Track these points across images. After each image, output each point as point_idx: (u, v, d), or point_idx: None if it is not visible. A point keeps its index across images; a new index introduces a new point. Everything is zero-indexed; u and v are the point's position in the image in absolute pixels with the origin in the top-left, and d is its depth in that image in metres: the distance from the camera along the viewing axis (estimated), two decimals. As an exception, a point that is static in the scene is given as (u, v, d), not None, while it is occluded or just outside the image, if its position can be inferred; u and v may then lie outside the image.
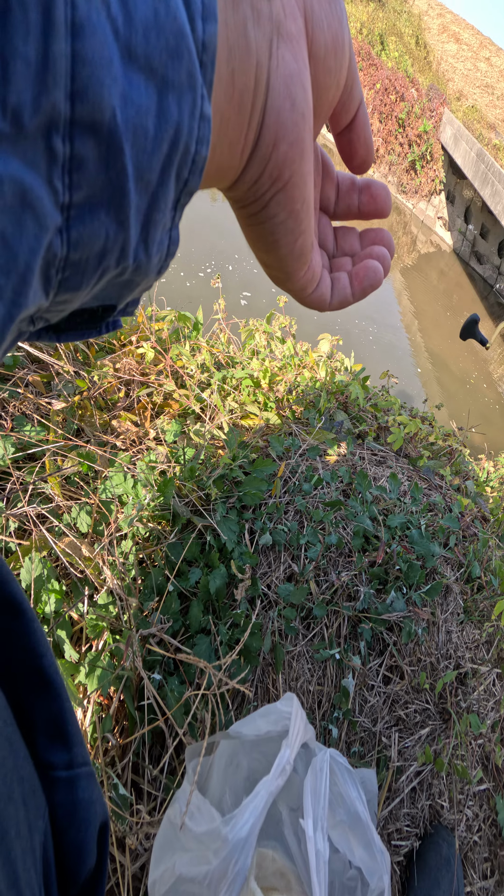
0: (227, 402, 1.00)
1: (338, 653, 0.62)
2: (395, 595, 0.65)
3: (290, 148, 0.15)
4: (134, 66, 0.09)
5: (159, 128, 0.10)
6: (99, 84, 0.09)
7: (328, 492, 0.85)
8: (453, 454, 1.35)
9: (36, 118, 0.08)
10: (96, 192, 0.10)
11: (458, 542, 0.85)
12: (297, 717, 0.50)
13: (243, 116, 0.14)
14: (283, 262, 0.19)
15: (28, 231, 0.09)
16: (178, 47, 0.10)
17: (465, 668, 0.66)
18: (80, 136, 0.09)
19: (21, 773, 0.16)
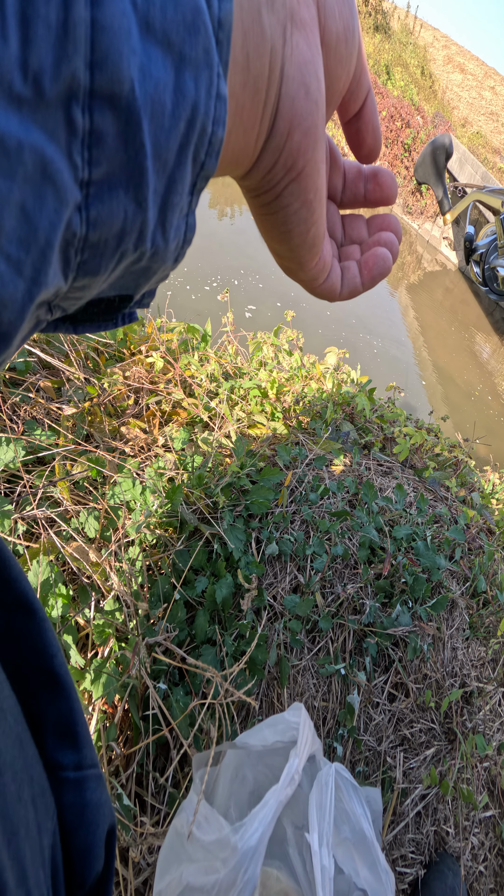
0: (235, 411, 0.99)
1: (343, 668, 0.60)
2: (401, 609, 0.63)
3: (305, 136, 0.15)
4: (151, 39, 0.09)
5: (177, 104, 0.10)
6: (118, 54, 0.09)
7: (334, 502, 0.83)
8: (459, 465, 1.33)
9: (56, 85, 0.08)
10: (115, 170, 0.09)
11: (463, 555, 0.83)
12: (306, 726, 0.48)
13: (258, 103, 0.13)
14: (295, 251, 0.19)
15: (48, 204, 0.08)
16: (194, 22, 0.10)
17: (470, 687, 0.63)
18: (99, 108, 0.09)
19: (31, 773, 0.15)
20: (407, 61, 10.41)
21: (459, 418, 3.36)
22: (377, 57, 9.42)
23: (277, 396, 1.12)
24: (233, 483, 0.76)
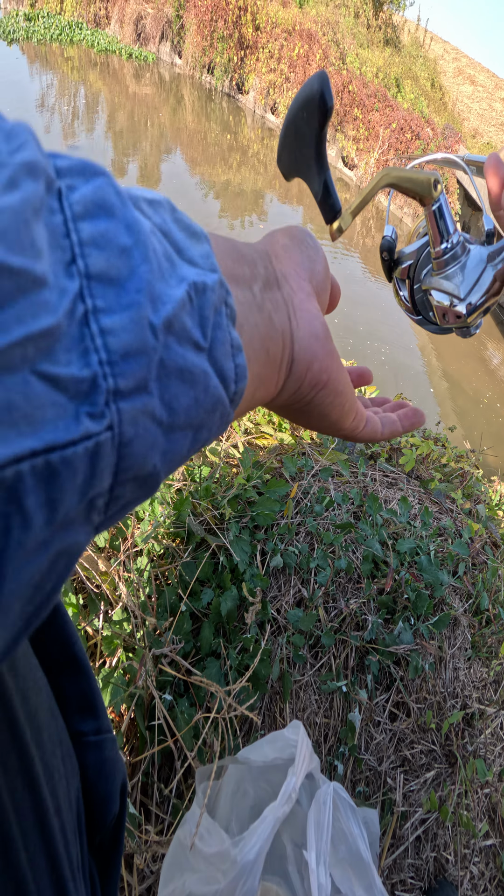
0: (243, 422, 0.99)
1: (345, 685, 0.59)
2: (403, 626, 0.62)
3: (322, 362, 0.18)
4: (174, 432, 0.11)
5: (192, 449, 0.12)
6: (142, 459, 0.10)
7: (339, 514, 0.82)
8: (465, 477, 1.30)
9: (80, 508, 0.09)
10: (130, 502, 0.11)
11: (467, 571, 0.81)
12: (304, 745, 0.48)
13: (275, 369, 0.17)
14: (336, 424, 0.21)
15: (58, 569, 0.09)
16: (213, 408, 0.12)
17: (471, 709, 0.61)
18: (120, 487, 0.10)
19: (61, 737, 0.18)
20: (417, 74, 10.37)
21: (468, 425, 3.30)
22: (387, 70, 9.40)
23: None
24: (239, 494, 0.76)
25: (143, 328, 0.10)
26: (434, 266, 0.23)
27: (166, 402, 0.11)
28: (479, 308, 0.22)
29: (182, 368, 0.11)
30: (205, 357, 0.12)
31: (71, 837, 0.17)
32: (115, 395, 0.09)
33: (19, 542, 0.08)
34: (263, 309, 0.16)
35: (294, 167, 0.21)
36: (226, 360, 0.13)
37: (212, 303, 0.12)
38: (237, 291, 0.15)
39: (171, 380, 0.11)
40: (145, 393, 0.10)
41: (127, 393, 0.10)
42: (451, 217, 0.22)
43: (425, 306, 0.25)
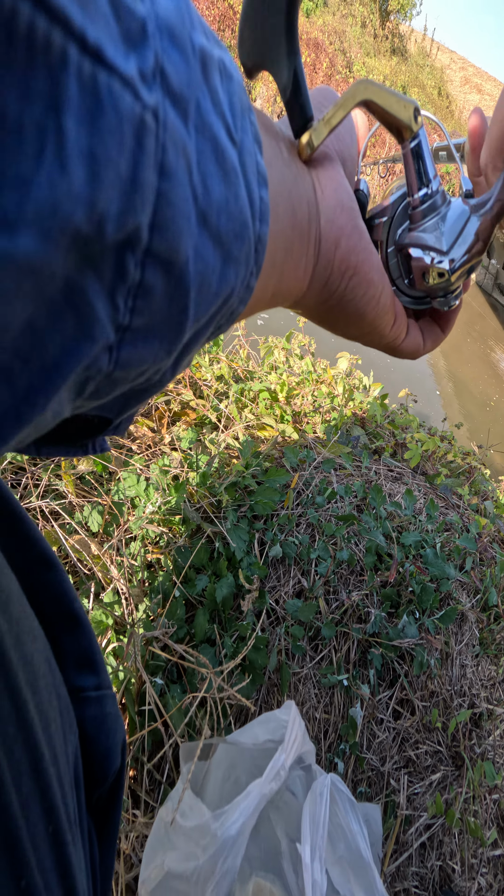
0: (245, 413, 0.97)
1: (346, 679, 0.55)
2: (408, 619, 0.58)
3: (349, 239, 0.17)
4: (206, 231, 0.10)
5: (220, 287, 0.11)
6: (178, 229, 0.09)
7: (342, 506, 0.79)
8: (472, 473, 1.26)
9: (117, 232, 0.08)
10: (156, 324, 0.10)
11: (474, 566, 0.77)
12: (295, 724, 0.45)
13: (304, 238, 0.16)
14: (373, 325, 0.20)
15: (65, 330, 0.08)
16: (241, 233, 0.11)
17: (479, 709, 0.57)
18: (152, 266, 0.09)
19: (58, 690, 0.17)
20: (424, 82, 10.40)
21: (475, 428, 3.24)
22: (394, 79, 9.45)
23: (287, 400, 1.09)
24: (237, 482, 0.74)
25: (184, 25, 0.09)
26: (411, 219, 0.20)
27: (202, 171, 0.10)
28: (462, 266, 0.20)
29: (216, 139, 0.10)
30: (236, 154, 0.11)
31: (68, 790, 0.16)
32: (162, 76, 0.08)
33: (50, 183, 0.07)
34: (290, 166, 0.16)
35: (258, 51, 0.16)
36: (253, 178, 0.11)
37: (238, 97, 0.11)
38: (261, 126, 0.14)
39: (205, 142, 0.10)
40: (185, 120, 0.09)
41: (172, 89, 0.08)
42: (431, 159, 0.19)
43: (400, 272, 0.22)
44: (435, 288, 0.21)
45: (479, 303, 6.14)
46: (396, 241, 0.21)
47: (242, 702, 0.51)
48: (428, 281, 0.21)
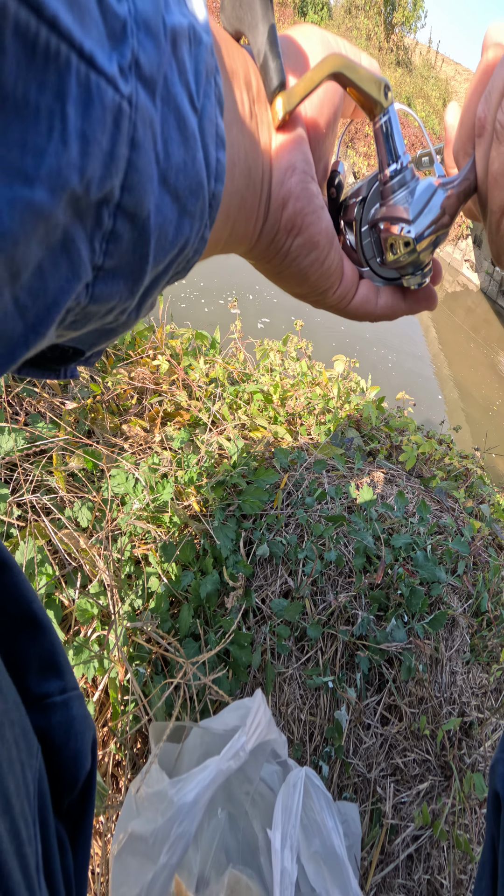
0: (238, 414, 0.96)
1: (331, 681, 0.54)
2: (396, 623, 0.56)
3: (297, 201, 0.17)
4: (166, 190, 0.12)
5: (175, 237, 0.13)
6: (143, 188, 0.11)
7: (332, 507, 0.78)
8: (469, 476, 1.23)
9: (98, 192, 0.10)
10: (122, 265, 0.11)
11: (467, 570, 0.75)
12: (259, 710, 0.44)
13: (256, 194, 0.17)
14: (314, 286, 0.20)
15: (61, 271, 0.10)
16: (196, 190, 0.13)
17: (469, 717, 0.55)
18: (121, 218, 0.11)
19: (11, 716, 0.16)
20: (428, 93, 10.44)
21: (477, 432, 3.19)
22: (398, 90, 9.49)
23: (282, 401, 1.08)
24: (225, 481, 0.73)
25: (158, 14, 0.10)
26: (382, 195, 0.21)
27: (165, 138, 0.11)
28: (428, 236, 0.20)
29: (179, 109, 0.11)
30: (196, 121, 0.12)
31: (27, 834, 0.15)
32: (136, 66, 0.10)
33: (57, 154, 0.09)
34: (253, 117, 0.16)
35: (236, 17, 0.17)
36: (211, 142, 0.13)
37: (205, 61, 0.12)
38: (229, 87, 0.15)
39: (169, 113, 0.11)
40: (153, 97, 0.11)
41: (144, 75, 0.10)
42: (400, 136, 0.20)
43: (374, 251, 0.22)
44: (403, 262, 0.21)
45: (484, 309, 6.09)
46: (369, 220, 0.21)
47: (221, 695, 0.50)
48: (396, 252, 0.21)
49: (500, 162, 0.17)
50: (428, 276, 0.22)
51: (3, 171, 0.08)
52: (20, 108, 0.08)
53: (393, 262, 0.21)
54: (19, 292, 0.09)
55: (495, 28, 0.17)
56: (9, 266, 0.09)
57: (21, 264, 0.09)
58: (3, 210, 0.08)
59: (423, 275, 0.22)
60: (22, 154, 0.08)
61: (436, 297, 0.23)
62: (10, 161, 0.08)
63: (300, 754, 0.53)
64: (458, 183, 0.19)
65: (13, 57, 0.07)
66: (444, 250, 7.60)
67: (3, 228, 0.08)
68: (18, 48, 0.07)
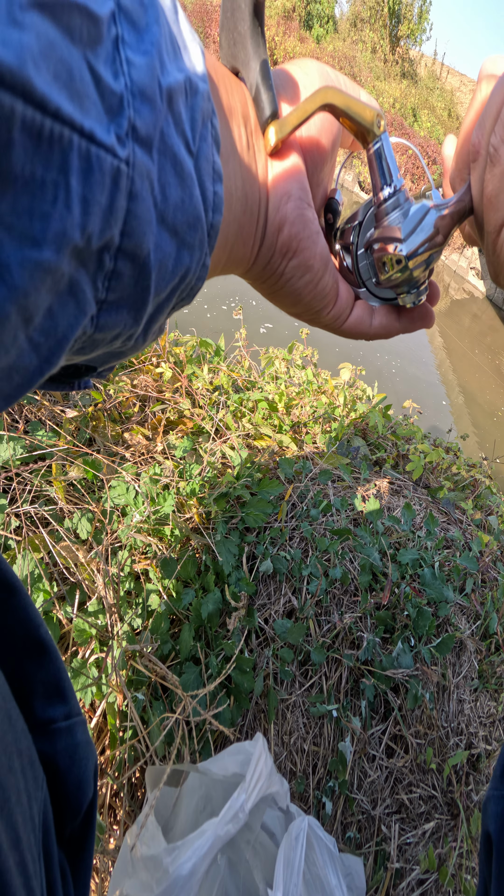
0: (242, 423, 0.93)
1: (336, 710, 0.50)
2: (402, 647, 0.52)
3: (292, 226, 0.18)
4: (164, 228, 0.13)
5: (175, 267, 0.14)
6: (142, 231, 0.12)
7: (337, 519, 0.74)
8: (477, 486, 1.19)
9: (98, 242, 0.11)
10: (125, 297, 0.13)
11: (475, 588, 0.71)
12: (260, 761, 0.40)
13: (253, 220, 0.18)
14: (308, 306, 0.21)
15: (69, 310, 0.11)
16: (194, 224, 0.14)
17: (477, 749, 0.51)
18: (122, 259, 0.12)
19: (19, 746, 0.16)
20: (434, 104, 10.41)
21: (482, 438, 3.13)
22: (404, 101, 9.48)
23: (287, 410, 1.05)
24: (228, 493, 0.70)
25: (154, 80, 0.11)
26: (377, 217, 0.21)
27: (162, 184, 0.12)
28: (420, 254, 0.20)
29: (175, 156, 0.12)
30: (192, 163, 0.13)
31: (33, 868, 0.15)
32: (133, 131, 0.11)
33: (61, 218, 0.10)
34: (250, 148, 0.17)
35: (231, 54, 0.18)
36: (207, 178, 0.13)
37: (201, 108, 0.13)
38: (226, 123, 0.16)
39: (166, 161, 0.12)
40: (150, 152, 0.12)
41: (140, 137, 0.11)
42: (394, 161, 0.20)
43: (370, 273, 0.22)
44: (397, 280, 0.21)
45: (490, 316, 6.03)
46: (364, 242, 0.22)
47: (221, 729, 0.47)
48: (388, 270, 0.21)
49: (493, 184, 0.17)
50: (423, 295, 0.22)
51: (14, 237, 0.09)
52: (28, 184, 0.09)
53: (387, 281, 0.21)
54: (32, 333, 0.10)
55: (489, 61, 0.18)
56: (22, 314, 0.10)
57: (33, 311, 0.10)
58: (14, 270, 0.09)
59: (419, 293, 0.22)
60: (30, 221, 0.09)
61: (432, 316, 0.23)
62: (21, 227, 0.09)
63: (303, 788, 0.49)
64: (453, 204, 0.20)
65: (21, 146, 0.08)
66: (450, 258, 7.57)
67: (16, 284, 0.09)
68: (25, 139, 0.09)
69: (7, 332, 0.10)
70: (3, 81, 0.08)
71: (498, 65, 0.18)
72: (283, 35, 8.82)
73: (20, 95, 0.08)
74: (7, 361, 0.10)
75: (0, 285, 0.09)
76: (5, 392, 0.11)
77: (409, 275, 0.20)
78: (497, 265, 0.20)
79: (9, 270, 0.09)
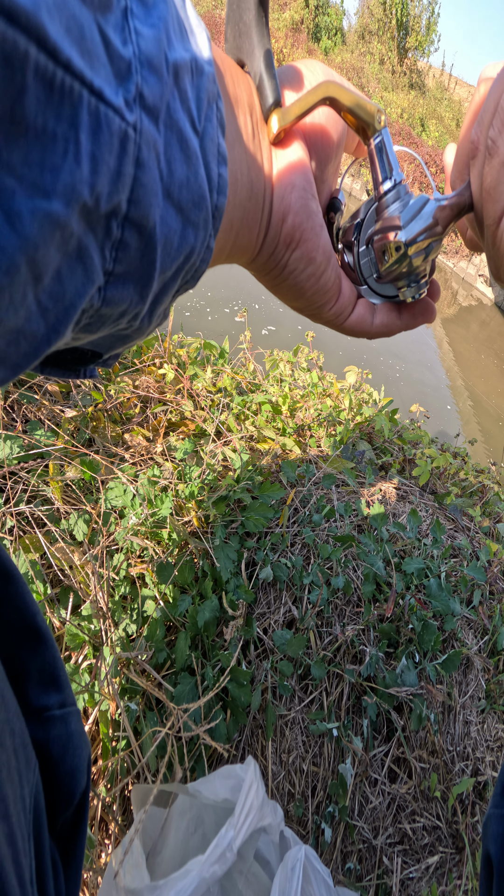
0: (245, 425, 0.90)
1: (336, 728, 0.46)
2: (406, 663, 0.49)
3: (296, 216, 0.19)
4: (170, 203, 0.13)
5: (180, 245, 0.14)
6: (148, 202, 0.12)
7: (341, 525, 0.71)
8: (485, 492, 1.14)
9: (107, 206, 0.11)
10: (131, 271, 0.13)
11: (483, 600, 0.66)
12: (251, 790, 0.37)
13: (258, 207, 0.18)
14: (310, 300, 0.21)
15: (77, 276, 0.11)
16: (199, 202, 0.14)
17: (484, 776, 0.47)
18: (129, 228, 0.12)
19: (12, 726, 0.16)
20: (442, 115, 10.35)
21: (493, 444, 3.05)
22: (412, 111, 9.44)
23: (291, 413, 1.02)
24: (228, 496, 0.67)
25: (161, 52, 0.12)
26: (377, 210, 0.21)
27: (168, 158, 0.12)
28: (419, 242, 0.20)
29: (181, 132, 0.12)
30: (197, 142, 0.13)
31: (23, 845, 0.14)
32: (140, 98, 0.11)
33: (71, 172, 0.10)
34: (255, 137, 0.17)
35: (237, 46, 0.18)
36: (212, 159, 0.14)
37: (206, 89, 0.13)
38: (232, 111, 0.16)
39: (172, 136, 0.12)
40: (157, 124, 0.12)
41: (147, 105, 0.11)
42: (394, 155, 0.20)
43: (370, 270, 0.22)
44: (397, 270, 0.20)
45: (499, 322, 5.94)
46: (366, 238, 0.21)
47: (214, 745, 0.43)
48: (388, 258, 0.20)
49: (492, 175, 0.17)
50: (424, 288, 0.22)
51: (25, 186, 0.09)
52: (39, 135, 0.09)
53: (388, 273, 0.21)
54: (41, 295, 0.10)
55: (488, 67, 0.19)
56: (32, 269, 0.10)
57: (42, 267, 0.10)
58: (25, 218, 0.09)
59: (419, 286, 0.21)
60: (41, 172, 0.09)
61: (434, 310, 0.23)
62: (31, 178, 0.09)
63: (301, 812, 0.46)
64: (452, 197, 0.19)
65: (34, 93, 0.09)
66: (458, 265, 7.49)
67: (27, 233, 0.09)
68: (38, 86, 0.09)
69: (17, 288, 0.10)
70: (19, 22, 0.08)
71: (495, 69, 0.18)
72: (292, 47, 8.86)
73: (34, 39, 0.08)
74: (16, 322, 0.10)
75: (11, 233, 0.09)
76: (12, 360, 0.11)
77: (408, 263, 0.20)
78: (497, 260, 0.19)
79: (20, 219, 0.09)
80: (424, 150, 8.56)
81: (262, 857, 0.41)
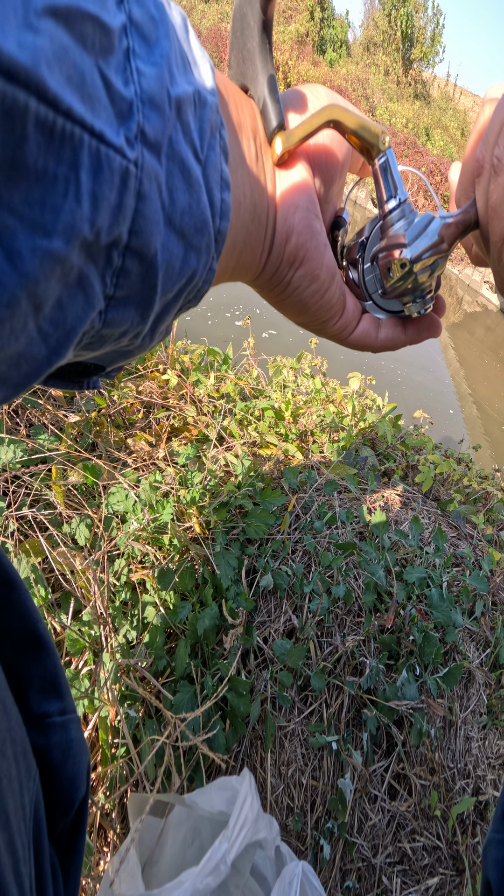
0: (248, 431, 0.89)
1: (336, 741, 0.45)
2: (407, 676, 0.47)
3: (300, 236, 0.19)
4: (171, 230, 0.13)
5: (182, 269, 0.14)
6: (149, 231, 0.12)
7: (342, 532, 0.69)
8: (489, 499, 1.12)
9: (107, 238, 0.11)
10: (132, 294, 0.13)
11: (485, 611, 0.64)
12: (246, 803, 0.36)
13: (261, 228, 0.18)
14: (314, 316, 0.21)
15: (78, 302, 0.11)
16: (201, 228, 0.14)
17: (485, 795, 0.45)
18: (130, 256, 0.12)
19: (13, 734, 0.16)
20: (447, 124, 10.35)
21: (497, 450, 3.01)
22: (416, 121, 9.46)
23: (294, 419, 1.01)
24: (229, 502, 0.66)
25: (163, 89, 0.12)
26: (382, 229, 0.21)
27: (170, 187, 0.12)
28: (424, 259, 0.20)
29: (184, 162, 0.13)
30: (200, 170, 0.13)
31: (23, 854, 0.14)
32: (142, 135, 0.11)
33: (71, 210, 0.10)
34: (259, 160, 0.17)
35: (240, 72, 0.18)
36: (215, 186, 0.14)
37: (209, 119, 0.13)
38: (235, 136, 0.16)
39: (174, 167, 0.12)
40: (159, 157, 0.12)
41: (149, 141, 0.11)
42: (398, 175, 0.20)
43: (375, 285, 0.22)
44: (402, 286, 0.20)
45: (504, 328, 5.90)
46: (371, 255, 0.21)
47: (212, 756, 0.42)
48: (393, 275, 0.20)
49: (497, 193, 0.17)
50: (430, 304, 0.22)
51: (26, 226, 0.09)
52: (41, 177, 0.09)
53: (392, 289, 0.21)
54: (42, 322, 0.11)
55: (493, 88, 0.19)
56: (32, 301, 0.10)
57: (42, 299, 0.10)
58: (26, 257, 0.09)
59: (425, 302, 0.21)
60: (42, 212, 0.10)
61: (439, 325, 0.23)
62: (32, 217, 0.09)
63: (300, 826, 0.44)
64: (458, 214, 0.19)
65: (34, 140, 0.09)
66: (464, 272, 7.45)
67: (27, 270, 0.10)
68: (39, 134, 0.09)
69: (17, 318, 0.10)
70: (19, 79, 0.08)
71: (500, 90, 0.18)
72: (297, 59, 8.93)
73: (34, 93, 0.08)
74: (17, 348, 0.10)
75: (12, 271, 0.09)
76: (13, 380, 0.11)
77: (413, 280, 0.20)
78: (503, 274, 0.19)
79: (20, 257, 0.09)
80: (429, 159, 8.56)
81: (258, 873, 0.40)
